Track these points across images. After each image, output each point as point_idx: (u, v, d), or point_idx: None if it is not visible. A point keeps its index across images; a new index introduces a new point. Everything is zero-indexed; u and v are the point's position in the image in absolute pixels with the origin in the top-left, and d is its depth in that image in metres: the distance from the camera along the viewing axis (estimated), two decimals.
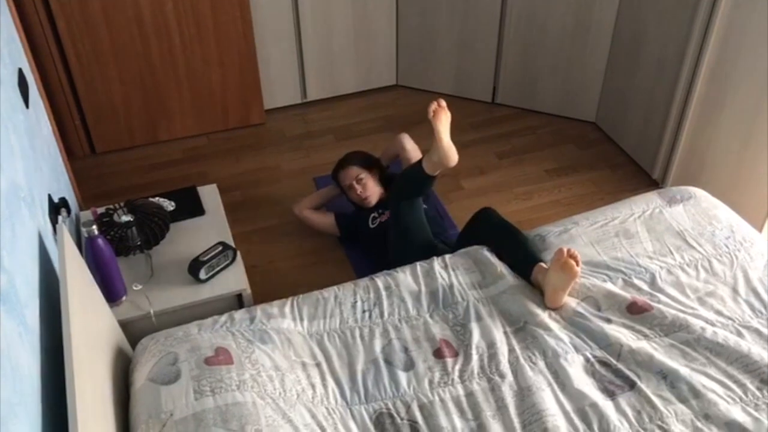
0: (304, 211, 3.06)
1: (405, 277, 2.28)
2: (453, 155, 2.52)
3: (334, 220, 3.03)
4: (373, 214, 2.89)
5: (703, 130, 3.10)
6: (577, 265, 2.13)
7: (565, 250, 2.15)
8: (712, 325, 2.07)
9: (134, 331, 2.18)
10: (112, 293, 2.21)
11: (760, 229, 2.91)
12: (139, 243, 2.38)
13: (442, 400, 1.90)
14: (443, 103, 2.61)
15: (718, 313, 2.12)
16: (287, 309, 2.16)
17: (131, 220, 2.37)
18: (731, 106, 2.94)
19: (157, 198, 2.65)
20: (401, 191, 2.65)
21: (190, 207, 2.67)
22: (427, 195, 3.01)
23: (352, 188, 2.95)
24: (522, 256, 2.31)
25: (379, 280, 2.27)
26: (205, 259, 2.34)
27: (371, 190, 2.94)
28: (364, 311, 2.17)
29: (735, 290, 2.20)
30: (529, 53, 3.77)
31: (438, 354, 2.03)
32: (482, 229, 2.52)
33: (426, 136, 3.56)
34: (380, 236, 2.79)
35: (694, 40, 2.96)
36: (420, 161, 2.59)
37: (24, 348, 1.41)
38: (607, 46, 3.56)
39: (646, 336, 2.06)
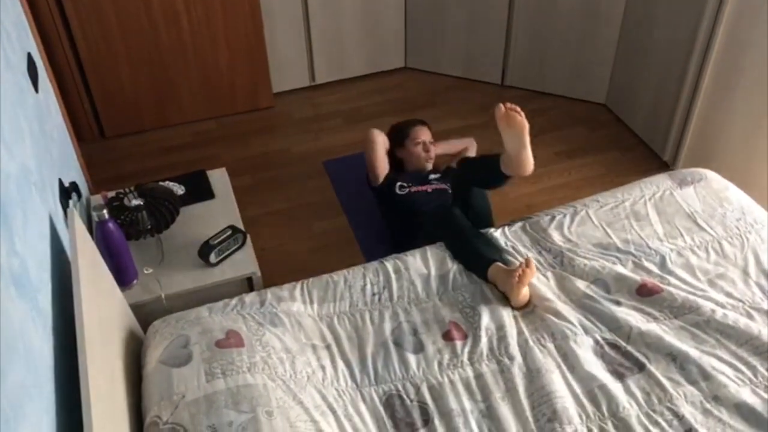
0: (378, 134, 2.98)
1: (414, 260, 2.29)
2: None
3: (387, 169, 2.96)
4: (401, 183, 2.88)
5: (714, 112, 3.08)
6: (520, 115, 2.10)
7: (502, 106, 2.12)
8: (723, 307, 2.07)
9: (145, 314, 2.19)
10: (123, 277, 2.22)
11: None
12: (149, 227, 2.39)
13: (451, 382, 1.91)
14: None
15: (729, 295, 2.12)
16: (297, 292, 2.16)
17: (141, 204, 2.38)
18: (742, 88, 2.92)
19: (167, 182, 2.66)
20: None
21: (200, 191, 2.68)
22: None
23: (424, 145, 2.96)
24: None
25: (389, 263, 2.28)
26: (215, 242, 2.35)
27: (434, 155, 2.99)
28: (373, 294, 2.18)
29: (746, 272, 2.19)
30: (538, 35, 3.74)
31: (447, 336, 2.04)
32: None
33: (434, 118, 3.56)
34: (402, 204, 2.82)
35: (705, 20, 2.93)
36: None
37: (37, 331, 1.42)
38: (617, 26, 3.52)
39: (655, 318, 2.06)
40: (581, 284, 2.17)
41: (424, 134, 3.00)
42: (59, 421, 1.41)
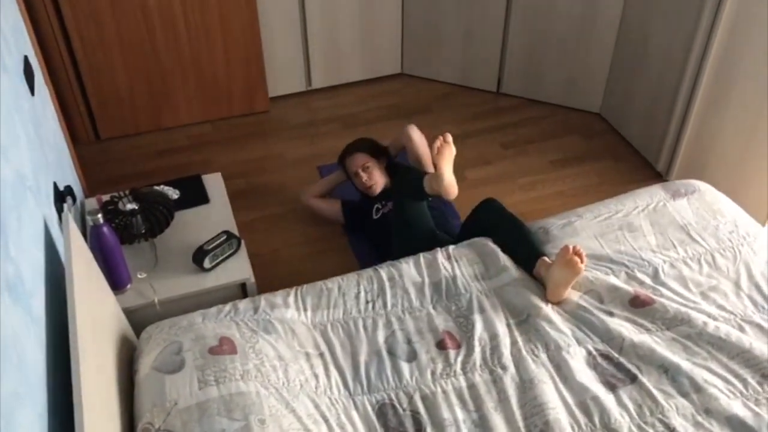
0: (310, 200, 3.10)
1: (408, 268, 2.29)
2: (452, 191, 2.49)
3: (340, 207, 3.05)
4: (376, 205, 2.90)
5: (708, 123, 3.10)
6: (582, 262, 2.13)
7: (571, 247, 2.16)
8: (714, 319, 2.08)
9: (138, 319, 2.19)
10: (116, 281, 2.22)
11: (763, 222, 2.91)
12: (143, 231, 2.38)
13: (444, 392, 1.91)
14: (449, 138, 2.54)
15: (721, 307, 2.13)
16: (291, 299, 2.16)
17: (136, 208, 2.38)
18: (737, 100, 2.93)
19: (161, 186, 2.65)
20: (403, 193, 2.64)
21: (195, 195, 2.68)
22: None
23: (357, 176, 2.95)
24: (525, 249, 2.32)
25: (383, 270, 2.28)
26: (210, 247, 2.35)
27: (376, 178, 2.93)
28: (367, 302, 2.18)
29: (737, 285, 2.20)
30: (534, 43, 3.76)
31: (441, 345, 2.04)
32: (486, 221, 2.52)
33: (430, 125, 3.56)
34: (383, 227, 2.80)
35: (701, 33, 2.94)
36: (423, 175, 2.57)
37: (30, 337, 1.42)
38: (613, 37, 3.54)
39: (648, 330, 2.06)
40: (574, 295, 2.18)
41: (354, 163, 2.97)
42: (51, 427, 1.40)
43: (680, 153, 3.25)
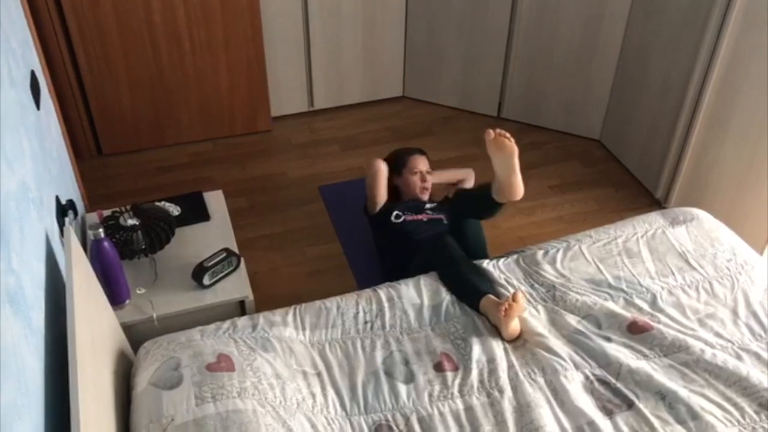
0: (382, 165, 2.92)
1: (407, 289, 2.29)
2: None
3: (386, 195, 2.95)
4: (397, 212, 2.86)
5: (706, 151, 3.12)
6: (509, 139, 2.17)
7: (491, 131, 2.18)
8: (712, 347, 2.08)
9: (136, 335, 2.19)
10: (116, 296, 2.22)
11: (761, 251, 2.92)
12: (143, 247, 2.39)
13: (441, 414, 1.91)
14: (519, 296, 2.15)
15: (718, 335, 2.13)
16: (290, 317, 2.17)
17: (137, 223, 2.38)
18: (735, 129, 2.96)
19: (163, 202, 2.66)
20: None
21: (196, 212, 2.68)
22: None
23: (421, 175, 2.95)
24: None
25: (382, 291, 2.28)
26: (209, 265, 2.36)
27: (430, 185, 2.98)
28: (366, 322, 2.18)
29: (735, 313, 2.21)
30: (535, 69, 3.79)
31: (438, 367, 2.04)
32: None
33: (431, 148, 3.57)
34: (397, 233, 2.81)
35: (700, 62, 2.98)
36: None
37: (29, 349, 1.42)
38: (613, 64, 3.58)
39: (645, 356, 2.07)
40: (572, 319, 2.19)
41: (421, 164, 3.00)
42: None
43: (679, 181, 3.27)
